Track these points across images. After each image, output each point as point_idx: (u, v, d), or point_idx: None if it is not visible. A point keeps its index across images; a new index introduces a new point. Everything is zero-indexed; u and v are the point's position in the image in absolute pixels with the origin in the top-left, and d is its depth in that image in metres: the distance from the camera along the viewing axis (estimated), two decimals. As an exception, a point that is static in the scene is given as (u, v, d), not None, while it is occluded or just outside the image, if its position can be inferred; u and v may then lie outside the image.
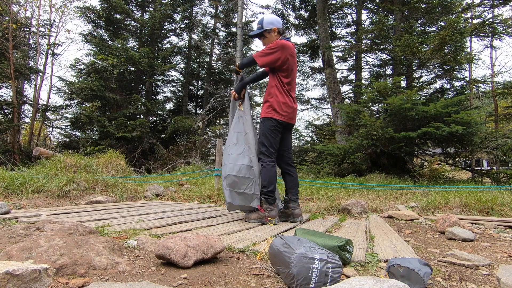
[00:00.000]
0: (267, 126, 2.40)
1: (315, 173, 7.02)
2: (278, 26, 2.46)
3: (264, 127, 2.42)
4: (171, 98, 14.13)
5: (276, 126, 2.39)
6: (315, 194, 4.37)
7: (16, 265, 0.85)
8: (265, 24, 2.45)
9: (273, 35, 2.46)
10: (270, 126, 2.39)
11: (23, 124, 9.75)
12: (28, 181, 3.46)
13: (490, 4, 7.24)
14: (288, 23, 11.39)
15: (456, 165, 6.50)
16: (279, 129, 2.41)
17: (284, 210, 2.51)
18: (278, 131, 2.42)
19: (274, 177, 2.37)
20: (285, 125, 2.45)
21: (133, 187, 4.18)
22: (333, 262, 1.09)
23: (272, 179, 2.36)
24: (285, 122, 2.41)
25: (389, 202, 3.77)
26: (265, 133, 2.40)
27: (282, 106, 2.38)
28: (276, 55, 2.33)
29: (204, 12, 13.45)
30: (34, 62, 9.87)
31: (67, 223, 1.70)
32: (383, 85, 5.97)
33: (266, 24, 2.45)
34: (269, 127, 2.39)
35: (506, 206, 2.90)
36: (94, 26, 10.89)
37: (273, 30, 2.45)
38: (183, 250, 1.25)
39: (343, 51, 10.35)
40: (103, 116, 9.26)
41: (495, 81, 10.05)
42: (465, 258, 1.46)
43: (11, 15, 8.22)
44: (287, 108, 2.40)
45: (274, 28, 2.45)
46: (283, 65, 2.37)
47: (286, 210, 2.50)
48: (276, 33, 2.46)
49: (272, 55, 2.33)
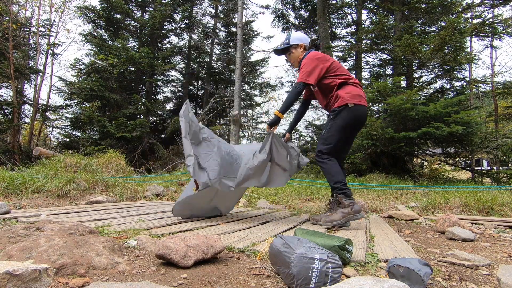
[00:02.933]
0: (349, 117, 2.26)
1: (315, 173, 7.02)
2: (305, 43, 2.46)
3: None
4: (171, 98, 14.14)
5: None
6: (315, 194, 4.37)
7: (16, 265, 0.85)
8: (292, 40, 2.45)
9: (299, 50, 2.45)
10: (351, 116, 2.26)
11: (23, 124, 9.74)
12: (28, 181, 3.45)
13: (490, 4, 7.24)
14: (288, 23, 11.39)
15: (456, 165, 6.50)
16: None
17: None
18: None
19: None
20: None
21: (133, 187, 4.18)
22: (333, 262, 1.09)
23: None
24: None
25: (389, 202, 3.77)
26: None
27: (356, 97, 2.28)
28: (319, 67, 2.29)
29: (204, 12, 13.46)
30: (34, 62, 9.87)
31: (67, 223, 1.70)
32: (383, 85, 5.97)
33: (293, 39, 2.45)
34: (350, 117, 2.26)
35: (506, 206, 2.90)
36: (94, 26, 10.88)
37: (299, 46, 2.44)
38: (183, 250, 1.25)
39: (343, 51, 10.35)
40: (103, 116, 9.25)
41: (495, 81, 10.04)
42: (465, 258, 1.46)
43: (11, 15, 8.21)
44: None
45: (301, 44, 2.44)
46: (329, 71, 2.34)
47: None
48: (302, 49, 2.46)
49: (317, 68, 2.29)
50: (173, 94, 14.27)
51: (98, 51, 10.20)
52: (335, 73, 2.33)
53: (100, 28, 11.08)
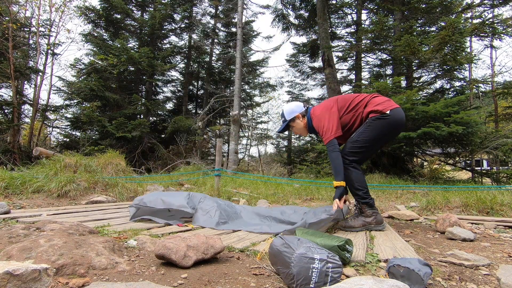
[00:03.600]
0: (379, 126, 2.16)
1: (315, 173, 7.02)
2: (299, 111, 2.44)
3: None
4: (171, 98, 14.14)
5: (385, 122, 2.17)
6: (315, 194, 4.37)
7: (16, 265, 0.85)
8: (287, 117, 2.45)
9: (299, 121, 2.44)
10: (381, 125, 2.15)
11: (23, 124, 9.73)
12: (28, 181, 3.45)
13: (490, 4, 7.24)
14: (288, 23, 11.38)
15: (456, 165, 6.50)
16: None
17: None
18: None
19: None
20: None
21: (133, 187, 4.18)
22: (333, 262, 1.09)
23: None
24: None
25: (389, 202, 3.77)
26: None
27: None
28: (331, 119, 2.22)
29: (204, 12, 13.45)
30: (34, 62, 9.86)
31: (67, 223, 1.70)
32: (383, 85, 5.97)
33: (287, 116, 2.45)
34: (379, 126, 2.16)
35: (506, 206, 2.90)
36: (94, 26, 10.88)
37: (296, 117, 2.44)
38: (183, 250, 1.25)
39: (343, 51, 10.35)
40: (103, 116, 9.25)
41: (495, 81, 10.04)
42: (465, 258, 1.46)
43: (11, 15, 8.21)
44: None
45: (296, 115, 2.43)
46: (341, 113, 2.28)
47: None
48: (301, 118, 2.44)
49: (331, 118, 2.23)
50: (173, 94, 14.28)
51: (98, 51, 10.20)
52: (350, 106, 2.27)
53: (100, 28, 11.08)
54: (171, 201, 2.27)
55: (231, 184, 5.39)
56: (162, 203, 2.25)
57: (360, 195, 2.18)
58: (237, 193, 4.58)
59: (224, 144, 12.57)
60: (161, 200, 2.28)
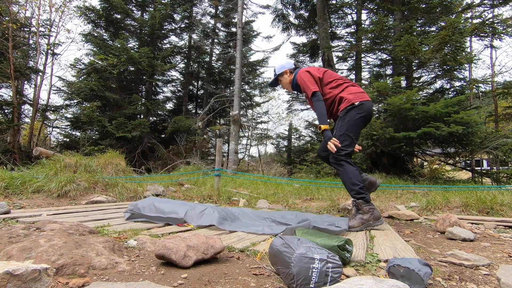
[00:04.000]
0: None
1: (315, 173, 7.02)
2: (288, 67, 2.68)
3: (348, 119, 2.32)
4: (171, 98, 14.14)
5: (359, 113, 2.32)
6: (315, 194, 4.37)
7: (16, 265, 0.85)
8: (277, 71, 2.71)
9: (286, 76, 2.68)
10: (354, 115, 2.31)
11: (23, 124, 9.73)
12: (28, 181, 3.45)
13: (490, 4, 7.24)
14: (288, 23, 11.38)
15: (456, 165, 6.50)
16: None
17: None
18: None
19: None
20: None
21: (133, 187, 4.18)
22: (333, 262, 1.09)
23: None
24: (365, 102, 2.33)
25: (389, 202, 3.77)
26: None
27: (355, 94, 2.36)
28: (312, 80, 2.42)
29: (204, 12, 13.45)
30: (34, 62, 9.86)
31: (67, 223, 1.70)
32: (383, 85, 5.97)
33: (277, 70, 2.71)
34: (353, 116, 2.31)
35: (506, 206, 2.90)
36: (94, 26, 10.88)
37: (285, 72, 2.68)
38: (183, 250, 1.25)
39: (343, 51, 10.34)
40: (103, 116, 9.25)
41: (495, 81, 10.03)
42: (465, 258, 1.46)
43: (11, 15, 8.21)
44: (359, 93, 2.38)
45: (285, 70, 2.67)
46: (322, 80, 2.47)
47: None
48: (288, 74, 2.67)
49: (311, 80, 2.42)
50: (173, 94, 14.27)
51: (98, 51, 10.20)
52: (331, 83, 2.46)
53: (100, 28, 11.08)
54: (163, 208, 2.27)
55: (231, 184, 5.40)
56: (155, 210, 2.27)
57: (357, 190, 2.23)
58: (237, 193, 4.58)
59: (224, 144, 12.56)
60: (153, 207, 2.29)
